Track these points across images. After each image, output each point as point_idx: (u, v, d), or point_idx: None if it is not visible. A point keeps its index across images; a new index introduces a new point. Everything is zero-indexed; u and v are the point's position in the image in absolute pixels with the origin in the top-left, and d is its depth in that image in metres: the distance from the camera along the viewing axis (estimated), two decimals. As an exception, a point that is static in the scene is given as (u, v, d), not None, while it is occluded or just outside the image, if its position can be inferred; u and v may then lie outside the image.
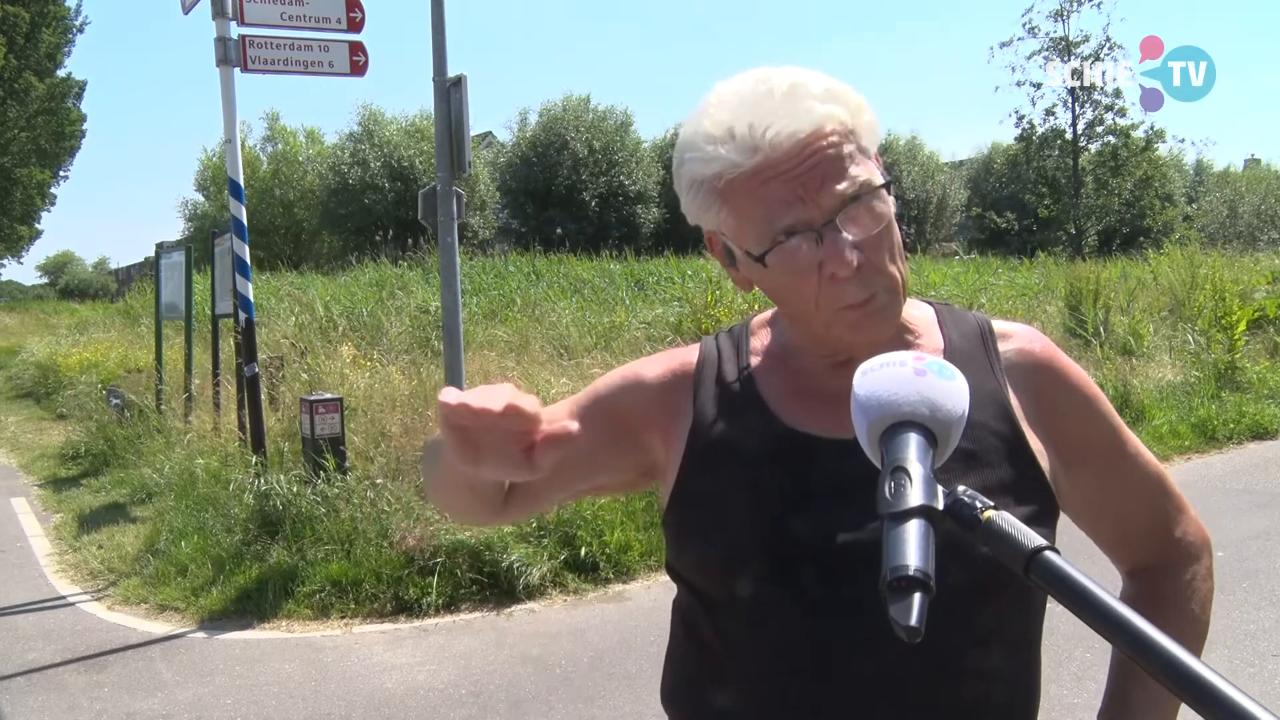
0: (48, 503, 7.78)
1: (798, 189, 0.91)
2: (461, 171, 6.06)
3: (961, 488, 0.72)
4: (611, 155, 32.36)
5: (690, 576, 1.08)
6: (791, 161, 0.90)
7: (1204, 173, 39.34)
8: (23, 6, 24.84)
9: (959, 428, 0.77)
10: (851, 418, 0.79)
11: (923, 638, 0.64)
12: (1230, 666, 3.62)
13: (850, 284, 0.94)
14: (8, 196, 27.28)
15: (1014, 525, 0.69)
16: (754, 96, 0.93)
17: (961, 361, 1.02)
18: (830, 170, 0.91)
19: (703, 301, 11.09)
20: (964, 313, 1.11)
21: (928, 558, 0.65)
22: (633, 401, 1.10)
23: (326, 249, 31.07)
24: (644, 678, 3.92)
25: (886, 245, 0.95)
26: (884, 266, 0.95)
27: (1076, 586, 0.64)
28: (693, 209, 0.99)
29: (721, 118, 0.93)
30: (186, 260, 8.82)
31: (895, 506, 0.68)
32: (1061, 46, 27.32)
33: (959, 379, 0.79)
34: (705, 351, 1.12)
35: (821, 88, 0.93)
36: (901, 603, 0.64)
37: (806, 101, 0.91)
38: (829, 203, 0.91)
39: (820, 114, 0.91)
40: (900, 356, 0.80)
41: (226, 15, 6.08)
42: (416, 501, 5.40)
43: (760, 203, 0.92)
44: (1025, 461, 1.00)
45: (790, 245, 0.93)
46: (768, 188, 0.91)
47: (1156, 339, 10.54)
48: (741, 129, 0.91)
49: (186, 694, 4.08)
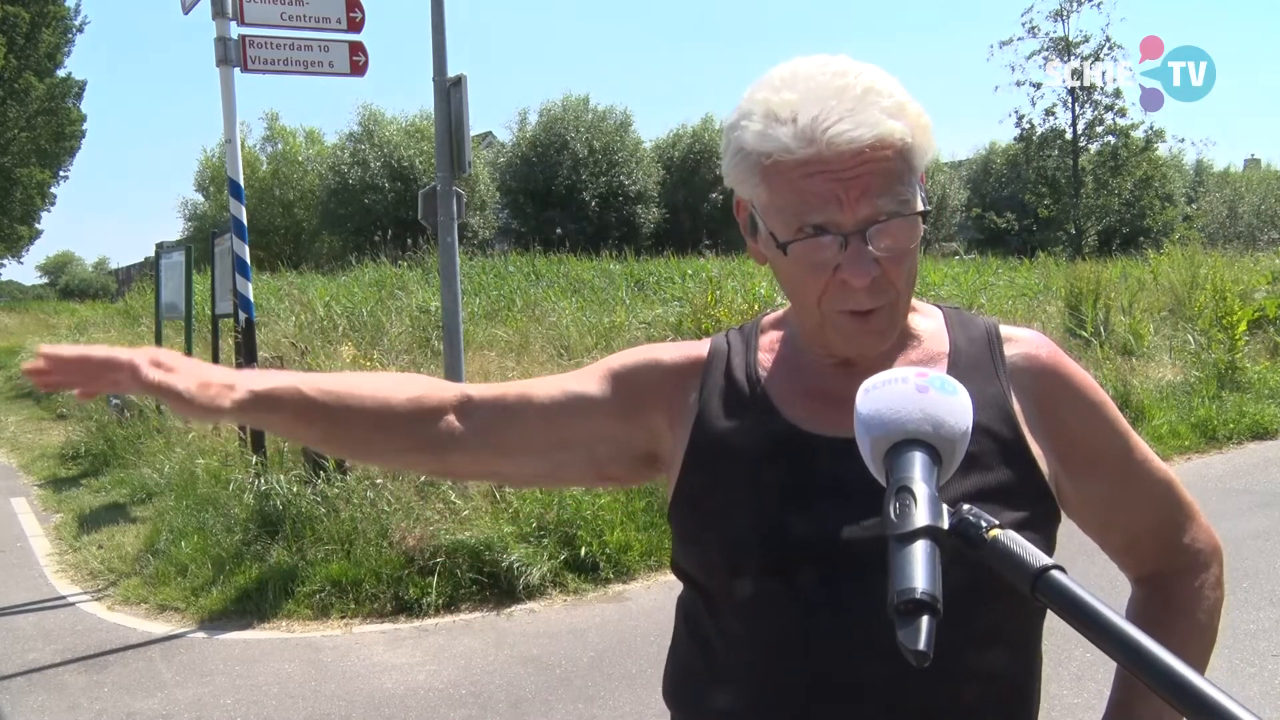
0: (48, 503, 7.78)
1: (839, 191, 0.91)
2: (461, 171, 6.06)
3: (967, 506, 0.72)
4: (611, 155, 32.35)
5: (693, 573, 1.08)
6: (843, 164, 0.90)
7: (1204, 173, 39.33)
8: (23, 6, 24.84)
9: (963, 444, 0.77)
10: (855, 434, 0.79)
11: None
12: (1230, 666, 3.62)
13: (859, 294, 0.95)
14: (8, 196, 27.28)
15: (1020, 544, 0.69)
16: (827, 90, 0.92)
17: (966, 365, 1.02)
18: (875, 183, 0.91)
19: (703, 301, 11.08)
20: (974, 317, 1.11)
21: (935, 580, 0.65)
22: (647, 379, 1.10)
23: (326, 249, 31.04)
24: (644, 678, 3.92)
25: (905, 267, 0.96)
26: (897, 284, 0.96)
27: (1083, 605, 0.65)
28: (732, 173, 0.99)
29: (789, 98, 0.93)
30: (186, 260, 8.82)
31: (901, 528, 0.68)
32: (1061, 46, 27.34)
33: (961, 394, 0.79)
34: (715, 346, 1.12)
35: (893, 100, 0.93)
36: (910, 626, 0.64)
37: (875, 111, 0.91)
38: (864, 212, 0.92)
39: (886, 127, 0.91)
40: (902, 373, 0.80)
41: (226, 15, 6.08)
42: (416, 501, 5.40)
43: (799, 194, 0.92)
44: (1025, 466, 1.00)
45: (815, 241, 0.93)
46: (811, 181, 0.92)
47: (1157, 339, 10.54)
48: (805, 118, 0.91)
49: (186, 694, 4.08)
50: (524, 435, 1.10)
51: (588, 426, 1.09)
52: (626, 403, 1.09)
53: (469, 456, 1.09)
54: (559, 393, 1.10)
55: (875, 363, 1.02)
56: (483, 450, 1.09)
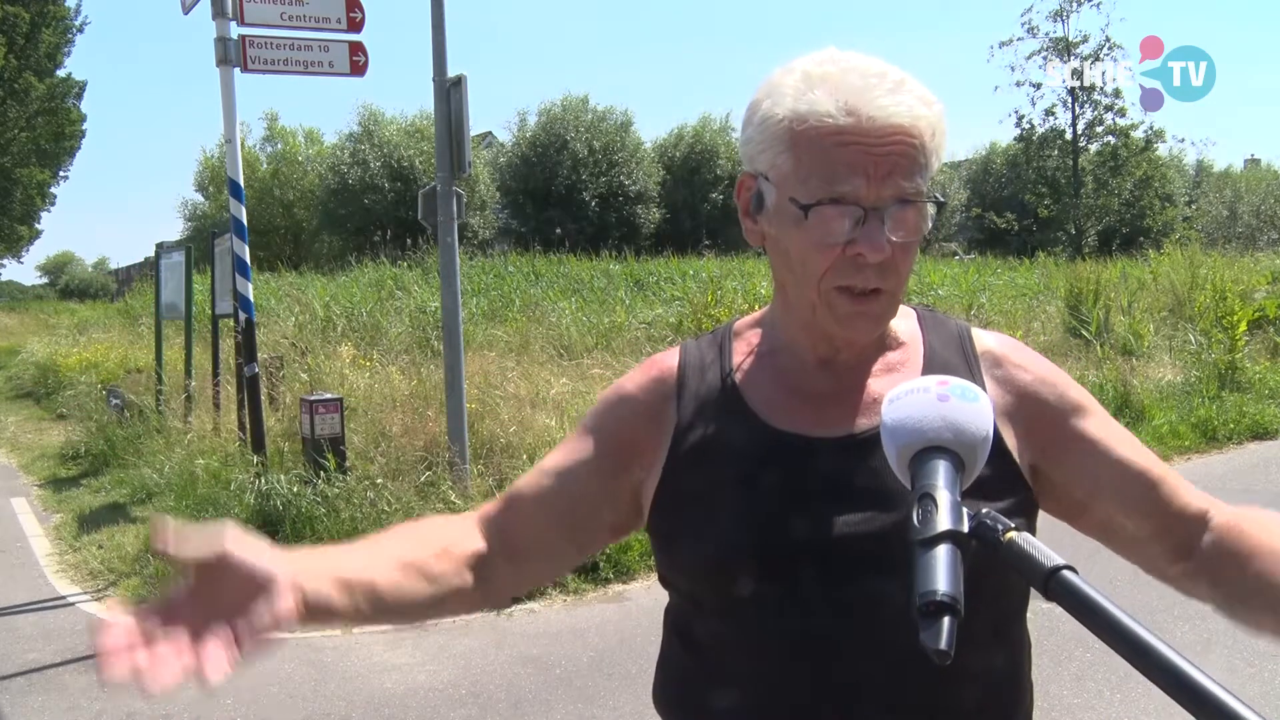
0: (48, 503, 7.77)
1: (869, 165, 0.93)
2: (461, 172, 6.06)
3: (985, 509, 0.75)
4: (611, 155, 32.37)
5: (682, 580, 1.07)
6: (877, 138, 0.92)
7: (1204, 173, 39.33)
8: (23, 6, 24.82)
9: (984, 449, 0.80)
10: (881, 443, 0.82)
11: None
12: (1230, 666, 3.61)
13: (869, 270, 0.95)
14: (8, 196, 27.28)
15: (1034, 545, 0.72)
16: (869, 71, 0.95)
17: (939, 365, 1.04)
18: (902, 166, 0.93)
19: (703, 301, 11.11)
20: (945, 318, 1.13)
21: (956, 582, 0.69)
22: (617, 419, 1.10)
23: (326, 249, 31.06)
24: (644, 678, 3.89)
25: (910, 258, 0.98)
26: (901, 271, 0.98)
27: (1093, 604, 0.67)
28: (750, 146, 1.00)
29: (831, 70, 0.95)
30: (186, 260, 8.81)
31: (924, 533, 0.72)
32: (1061, 47, 27.36)
33: (982, 400, 0.82)
34: (686, 354, 1.12)
35: (928, 97, 0.96)
36: (932, 627, 0.67)
37: (911, 98, 0.94)
38: (888, 192, 0.93)
39: (919, 114, 0.94)
40: (924, 383, 0.83)
41: (226, 15, 6.08)
42: (416, 501, 5.40)
43: (830, 161, 0.93)
44: (1000, 457, 0.99)
45: (836, 208, 0.94)
46: (845, 150, 0.93)
47: (1157, 339, 10.54)
48: (847, 89, 0.93)
49: (186, 694, 4.08)
50: (532, 533, 1.10)
51: (584, 495, 1.09)
52: (607, 455, 1.09)
53: (501, 579, 1.10)
54: (543, 478, 1.11)
55: (854, 363, 1.04)
56: (508, 567, 1.10)
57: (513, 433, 6.58)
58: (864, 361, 1.05)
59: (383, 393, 7.51)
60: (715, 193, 33.80)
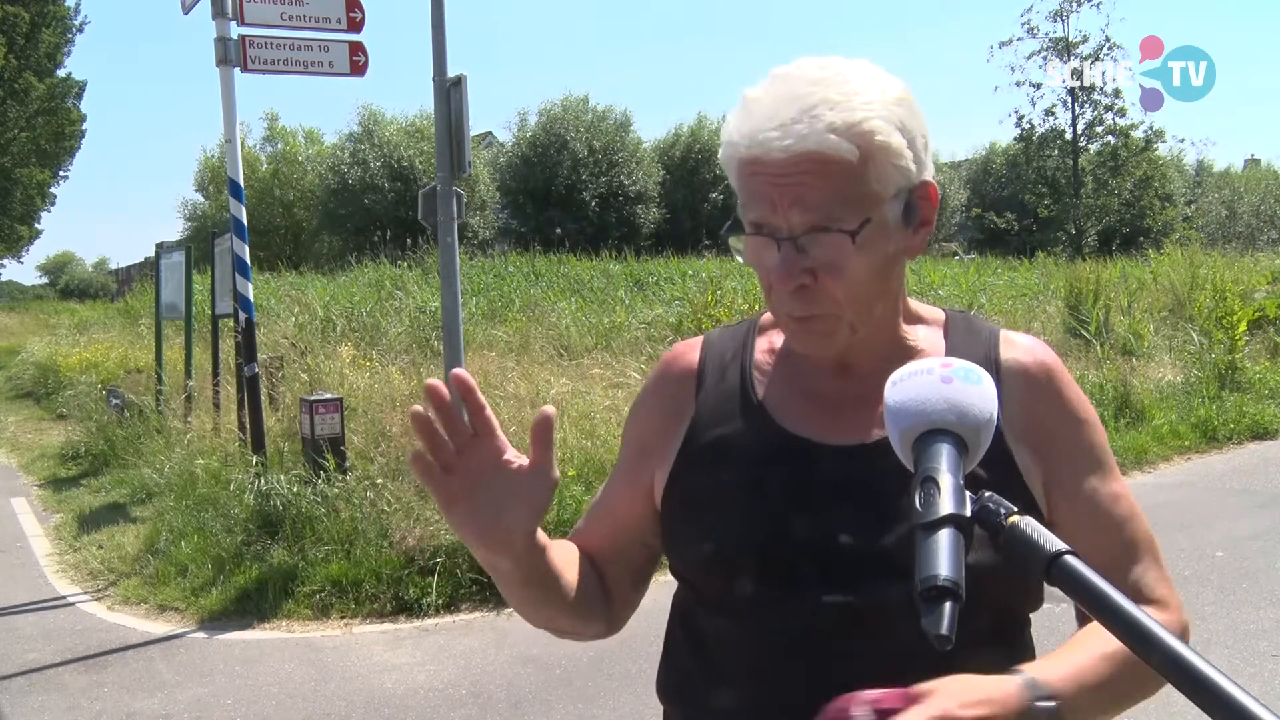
0: (48, 503, 7.78)
1: (774, 195, 0.92)
2: (461, 172, 6.05)
3: (988, 494, 0.74)
4: (611, 155, 32.40)
5: (688, 574, 1.08)
6: (777, 169, 0.91)
7: (1204, 173, 39.35)
8: (23, 6, 24.82)
9: (988, 431, 0.78)
10: (885, 426, 0.81)
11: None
12: (1230, 666, 3.60)
13: (789, 298, 0.96)
14: (8, 196, 27.27)
15: (1036, 530, 0.71)
16: (786, 95, 0.92)
17: None
18: (806, 195, 0.91)
19: (703, 301, 11.10)
20: (982, 323, 1.10)
21: (958, 567, 0.68)
22: (641, 429, 1.14)
23: (326, 249, 31.09)
24: (644, 678, 3.91)
25: (845, 281, 0.94)
26: (834, 296, 0.95)
27: (1094, 589, 0.67)
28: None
29: (758, 95, 0.94)
30: (186, 260, 8.81)
31: (925, 517, 0.71)
32: (1061, 47, 27.37)
33: (986, 382, 0.80)
34: (708, 350, 1.13)
35: (847, 120, 0.90)
36: (933, 612, 0.66)
37: (820, 125, 0.89)
38: (795, 220, 0.92)
39: (826, 143, 0.89)
40: (927, 364, 0.82)
41: (226, 15, 6.07)
42: (416, 501, 5.40)
43: (746, 190, 0.95)
44: (1003, 463, 0.98)
45: (758, 239, 0.96)
46: (754, 180, 0.94)
47: (1157, 339, 10.53)
48: (757, 119, 0.93)
49: (186, 694, 4.08)
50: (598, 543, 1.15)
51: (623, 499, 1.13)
52: (639, 467, 1.12)
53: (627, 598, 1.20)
54: (603, 487, 1.18)
55: (870, 369, 1.02)
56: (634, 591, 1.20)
57: (513, 433, 6.56)
58: (881, 368, 1.04)
59: (383, 393, 7.51)
60: (715, 192, 33.82)
